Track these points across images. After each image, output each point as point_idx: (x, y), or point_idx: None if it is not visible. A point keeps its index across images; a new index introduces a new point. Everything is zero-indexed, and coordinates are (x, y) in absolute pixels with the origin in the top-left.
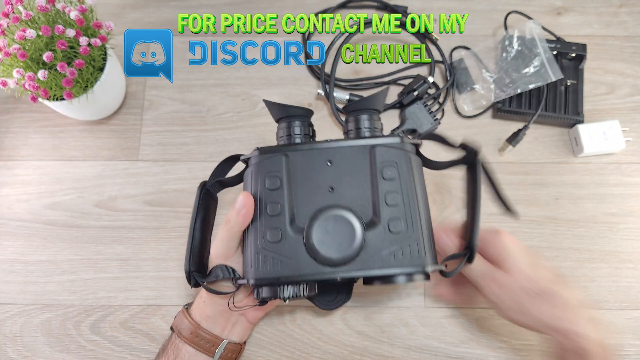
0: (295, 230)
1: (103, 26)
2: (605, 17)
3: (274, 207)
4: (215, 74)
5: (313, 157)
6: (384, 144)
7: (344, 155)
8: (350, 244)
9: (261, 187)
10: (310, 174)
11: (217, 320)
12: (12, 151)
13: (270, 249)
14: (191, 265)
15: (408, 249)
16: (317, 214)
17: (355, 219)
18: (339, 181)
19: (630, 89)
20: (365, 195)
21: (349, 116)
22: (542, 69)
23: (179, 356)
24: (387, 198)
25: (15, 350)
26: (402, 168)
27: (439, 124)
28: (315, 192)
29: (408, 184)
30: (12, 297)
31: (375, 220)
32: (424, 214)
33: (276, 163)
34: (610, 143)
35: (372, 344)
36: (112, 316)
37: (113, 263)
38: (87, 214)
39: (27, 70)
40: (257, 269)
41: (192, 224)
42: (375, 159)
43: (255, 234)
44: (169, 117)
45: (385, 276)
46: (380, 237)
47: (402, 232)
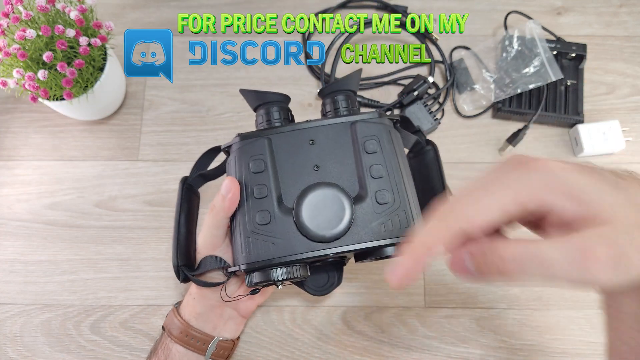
0: (284, 210)
1: (103, 26)
2: (605, 17)
3: (260, 189)
4: (215, 74)
5: (295, 138)
6: (363, 119)
7: (326, 133)
8: (340, 219)
9: (245, 172)
10: (293, 154)
11: (208, 318)
12: (12, 151)
13: (260, 232)
14: (179, 260)
15: (397, 219)
16: (305, 192)
17: (343, 194)
18: (323, 159)
19: (630, 89)
20: (350, 170)
21: (325, 99)
22: (542, 69)
23: (170, 356)
24: (372, 171)
25: (15, 350)
26: (383, 141)
27: (439, 123)
28: (301, 171)
29: (390, 155)
30: (12, 297)
31: (363, 193)
32: (409, 184)
33: (259, 146)
34: (610, 143)
35: (372, 344)
36: (112, 316)
37: (113, 263)
38: (87, 214)
39: (27, 70)
40: (248, 254)
41: (177, 219)
42: (357, 134)
43: (243, 218)
44: (169, 117)
45: (378, 248)
46: (369, 210)
47: (389, 203)
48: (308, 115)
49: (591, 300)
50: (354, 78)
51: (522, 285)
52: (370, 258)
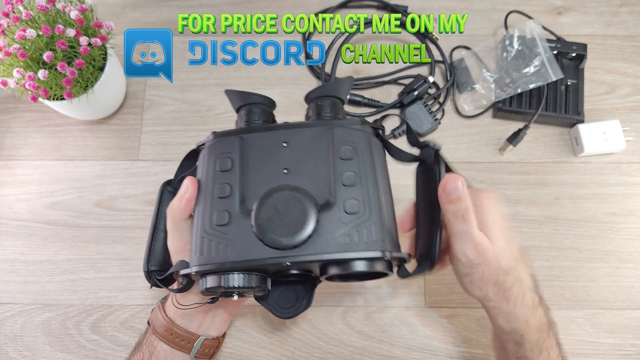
0: (244, 212)
1: (103, 26)
2: (606, 17)
3: (223, 188)
4: (215, 74)
5: (269, 139)
6: (342, 124)
7: (301, 136)
8: (301, 226)
9: (212, 170)
10: (264, 155)
11: (193, 317)
12: (13, 151)
13: (216, 233)
14: (150, 265)
15: (365, 232)
16: (267, 194)
17: (308, 200)
18: (294, 162)
19: (631, 89)
20: (322, 176)
21: (310, 103)
22: (542, 69)
23: (154, 354)
24: (344, 178)
25: (16, 349)
26: (360, 148)
27: (439, 123)
28: (269, 173)
29: (367, 164)
30: (13, 296)
31: (331, 201)
32: (385, 198)
33: (229, 144)
34: (611, 143)
35: (372, 344)
36: (112, 316)
37: (113, 263)
38: (87, 213)
39: (27, 70)
40: (200, 255)
41: (153, 224)
42: (333, 139)
43: (202, 218)
44: (169, 117)
45: (341, 261)
46: (336, 219)
47: (359, 213)
48: None
49: (591, 300)
50: (343, 85)
51: None
52: (335, 272)
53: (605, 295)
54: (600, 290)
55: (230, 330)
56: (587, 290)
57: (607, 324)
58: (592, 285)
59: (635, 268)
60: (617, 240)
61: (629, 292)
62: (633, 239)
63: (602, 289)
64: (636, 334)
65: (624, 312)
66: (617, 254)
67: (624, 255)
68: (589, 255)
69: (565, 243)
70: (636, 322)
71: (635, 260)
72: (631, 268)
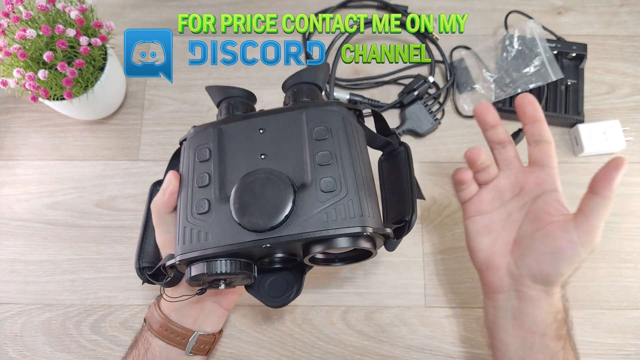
0: (222, 198)
1: (103, 26)
2: (606, 17)
3: (202, 177)
4: (215, 74)
5: (245, 127)
6: (316, 106)
7: (277, 122)
8: (277, 207)
9: (191, 161)
10: (242, 143)
11: (188, 312)
12: (13, 151)
13: (197, 222)
14: (142, 262)
15: (343, 208)
16: (243, 179)
17: (284, 181)
18: (271, 147)
19: (631, 89)
20: (298, 158)
21: (287, 91)
22: (542, 69)
23: (150, 350)
24: (318, 158)
25: (16, 349)
26: (334, 127)
27: (439, 123)
28: (246, 160)
29: (341, 143)
30: (13, 296)
31: (307, 181)
32: (364, 175)
33: (206, 135)
34: (611, 143)
35: (372, 344)
36: (112, 316)
37: (113, 263)
38: (87, 213)
39: (27, 69)
40: (183, 245)
41: (144, 222)
42: (307, 121)
43: (184, 208)
44: (169, 117)
45: (320, 239)
46: (312, 198)
47: (335, 191)
48: None
49: (591, 300)
50: (319, 71)
51: None
52: (317, 251)
53: (605, 295)
54: (600, 290)
55: (230, 330)
56: (587, 290)
57: (607, 324)
58: (592, 285)
59: (635, 268)
60: (617, 240)
61: (629, 292)
62: (633, 239)
63: (602, 288)
64: (636, 334)
65: (624, 312)
66: (617, 254)
67: (624, 255)
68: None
69: None
70: (636, 322)
71: (635, 260)
72: (631, 268)
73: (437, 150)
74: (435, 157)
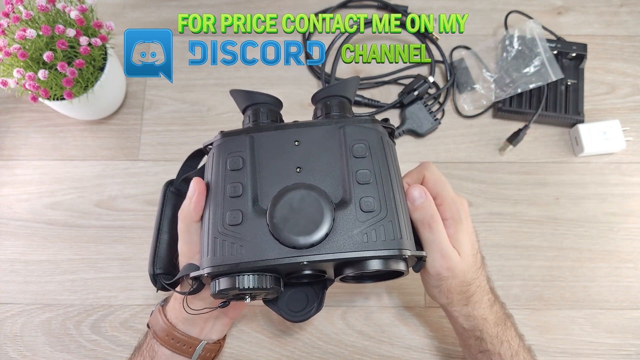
0: (257, 211)
1: (103, 26)
2: (606, 17)
3: (235, 187)
4: (215, 74)
5: (279, 138)
6: (354, 122)
7: (312, 135)
8: (318, 225)
9: (222, 169)
10: (276, 154)
11: (195, 322)
12: (13, 151)
13: (229, 233)
14: (156, 268)
15: (382, 230)
16: (282, 193)
17: (323, 198)
18: (307, 161)
19: (631, 89)
20: (335, 174)
21: (317, 103)
22: (542, 69)
23: (155, 358)
24: (358, 176)
25: (16, 349)
26: (374, 146)
27: (439, 123)
28: (281, 172)
29: (381, 162)
30: (13, 296)
31: (346, 199)
32: (400, 196)
33: (240, 143)
34: (611, 143)
35: (372, 344)
36: (112, 316)
37: (113, 263)
38: (87, 213)
39: (27, 70)
40: (213, 257)
41: (157, 226)
42: (345, 137)
43: (214, 218)
44: (169, 117)
45: (359, 260)
46: (352, 217)
47: (375, 211)
48: (308, 115)
49: (591, 300)
50: (350, 85)
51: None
52: (351, 272)
53: (605, 295)
54: (600, 290)
55: (230, 330)
56: (587, 290)
57: (607, 324)
58: (592, 285)
59: (635, 268)
60: (617, 240)
61: (629, 292)
62: (633, 239)
63: (602, 289)
64: (636, 334)
65: (624, 312)
66: (617, 254)
67: (624, 255)
68: (589, 255)
69: (565, 243)
70: (636, 322)
71: (635, 260)
72: (631, 268)
73: (437, 150)
74: (435, 157)
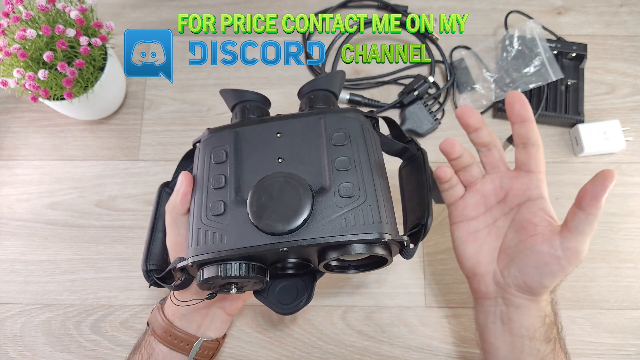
0: (239, 201)
1: (103, 26)
2: (606, 17)
3: (218, 179)
4: (215, 74)
5: (262, 130)
6: (334, 112)
7: (295, 126)
8: (296, 211)
9: (207, 163)
10: (258, 146)
11: (192, 318)
12: (13, 151)
13: (212, 224)
14: (149, 265)
15: (361, 214)
16: (261, 182)
17: (302, 185)
18: (288, 151)
19: (631, 89)
20: (316, 163)
21: (303, 97)
22: (542, 69)
23: (153, 355)
24: (337, 163)
25: (16, 349)
26: (354, 134)
27: (440, 123)
28: (264, 163)
29: (360, 149)
30: (13, 296)
31: (326, 186)
32: (381, 183)
33: (223, 137)
34: (611, 143)
35: (372, 344)
36: (112, 316)
37: (113, 263)
38: (87, 213)
39: (27, 70)
40: (197, 246)
41: (151, 224)
42: (326, 127)
43: (198, 210)
44: (169, 117)
45: (338, 245)
46: (331, 203)
47: (354, 197)
48: None
49: (591, 300)
50: (335, 78)
51: None
52: (334, 256)
53: (605, 295)
54: (600, 290)
55: (230, 330)
56: (587, 290)
57: (607, 324)
58: (592, 285)
59: (635, 268)
60: (617, 240)
61: (629, 292)
62: (633, 239)
63: (602, 288)
64: (636, 334)
65: (624, 312)
66: (617, 254)
67: (624, 255)
68: (589, 255)
69: None
70: (636, 322)
71: (635, 260)
72: (631, 268)
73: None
74: (436, 158)
